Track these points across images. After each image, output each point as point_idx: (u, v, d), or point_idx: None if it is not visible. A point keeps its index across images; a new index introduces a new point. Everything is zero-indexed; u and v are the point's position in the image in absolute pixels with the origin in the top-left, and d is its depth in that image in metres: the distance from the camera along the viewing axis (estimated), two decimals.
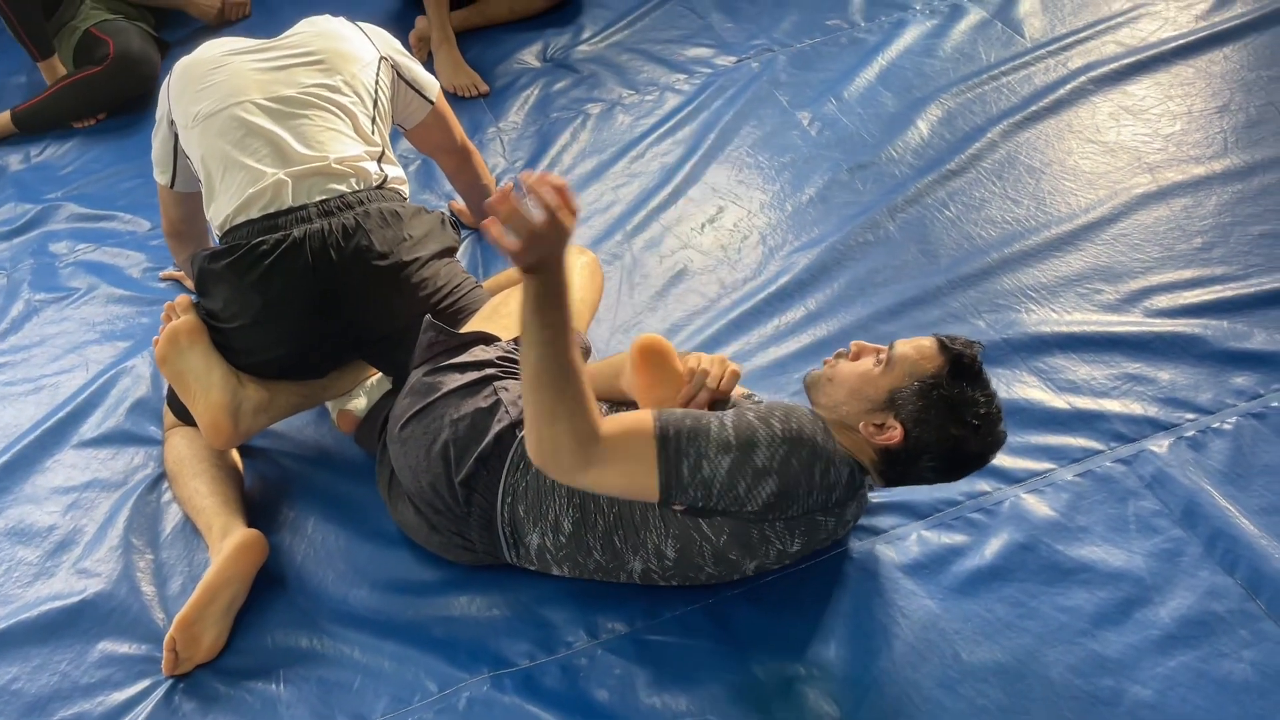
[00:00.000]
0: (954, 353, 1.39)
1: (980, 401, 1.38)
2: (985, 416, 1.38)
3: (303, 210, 1.72)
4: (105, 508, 1.86)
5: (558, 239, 1.22)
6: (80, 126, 3.09)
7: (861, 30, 2.93)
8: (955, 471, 1.44)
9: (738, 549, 1.45)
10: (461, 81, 2.92)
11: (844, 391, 1.44)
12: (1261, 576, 1.50)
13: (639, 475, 1.34)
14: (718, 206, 2.39)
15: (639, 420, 1.35)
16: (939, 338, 1.43)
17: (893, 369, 1.41)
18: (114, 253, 2.55)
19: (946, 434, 1.37)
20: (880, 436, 1.39)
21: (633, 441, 1.34)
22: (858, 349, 1.48)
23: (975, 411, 1.37)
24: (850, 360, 1.47)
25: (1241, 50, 2.58)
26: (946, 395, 1.37)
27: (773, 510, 1.38)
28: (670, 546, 1.47)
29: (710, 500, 1.35)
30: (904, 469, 1.42)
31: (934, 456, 1.39)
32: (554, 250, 1.23)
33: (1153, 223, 2.14)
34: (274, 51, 1.88)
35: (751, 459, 1.33)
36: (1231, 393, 1.78)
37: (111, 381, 2.12)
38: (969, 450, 1.40)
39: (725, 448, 1.33)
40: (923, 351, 1.41)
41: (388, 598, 1.65)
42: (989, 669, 1.44)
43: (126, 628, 1.65)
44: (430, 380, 1.60)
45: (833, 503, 1.41)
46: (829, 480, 1.38)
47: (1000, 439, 1.42)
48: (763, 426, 1.35)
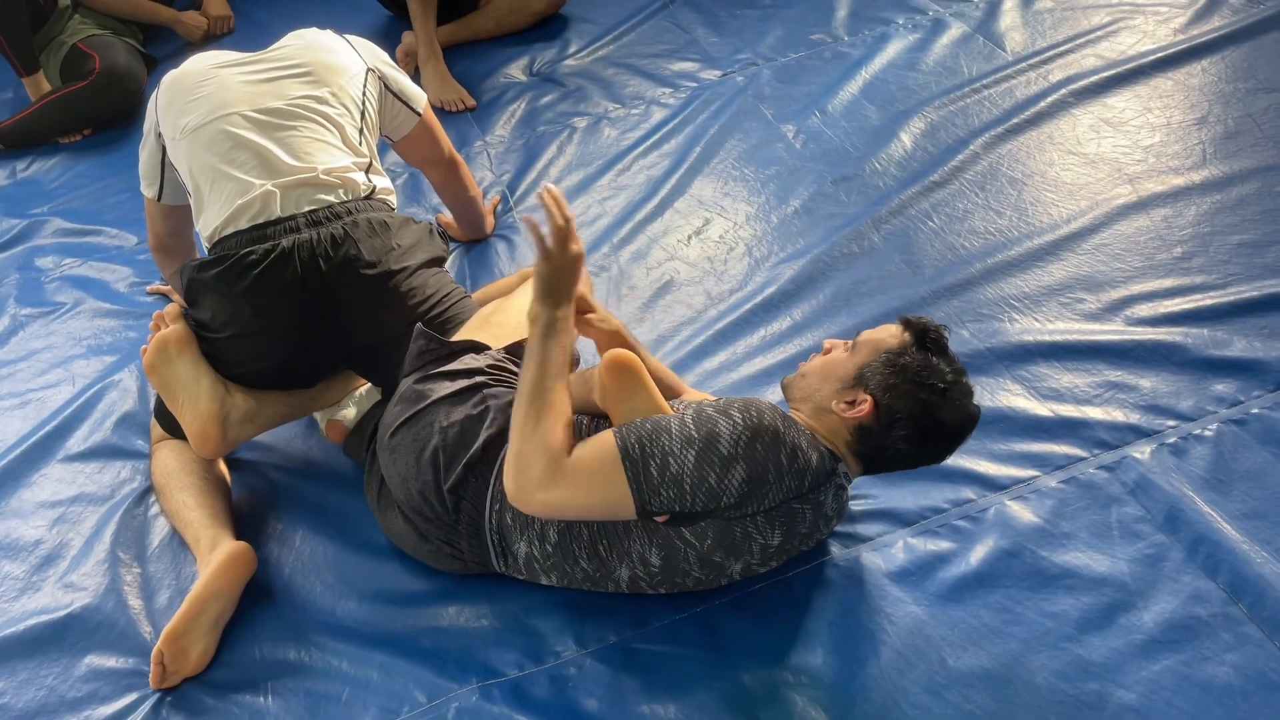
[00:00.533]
0: (918, 327, 1.46)
1: (946, 370, 1.43)
2: (954, 383, 1.42)
3: (291, 220, 1.72)
4: (92, 521, 1.86)
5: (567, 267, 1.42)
6: (66, 142, 3.09)
7: (845, 44, 2.96)
8: (928, 443, 1.45)
9: (721, 551, 1.46)
10: (448, 96, 2.94)
11: (816, 378, 1.50)
12: (1243, 580, 1.51)
13: (611, 489, 1.36)
14: (704, 219, 2.40)
15: (601, 438, 1.39)
16: (904, 317, 1.49)
17: (859, 350, 1.48)
18: (100, 267, 2.55)
19: (915, 399, 1.41)
20: (852, 411, 1.43)
21: (598, 457, 1.37)
22: (829, 345, 1.55)
23: (942, 377, 1.42)
24: (822, 355, 1.54)
25: (1219, 63, 2.62)
26: (912, 362, 1.42)
27: (748, 500, 1.39)
28: (655, 554, 1.47)
29: (685, 499, 1.36)
30: (878, 443, 1.44)
31: (905, 425, 1.41)
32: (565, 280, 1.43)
33: (1133, 233, 2.16)
34: (261, 64, 1.89)
35: (716, 448, 1.35)
36: (1212, 400, 1.80)
37: (98, 395, 2.12)
38: (940, 419, 1.42)
39: (689, 442, 1.35)
40: (888, 331, 1.49)
41: (376, 608, 1.65)
42: (976, 674, 1.45)
43: (113, 641, 1.65)
44: (420, 388, 1.60)
45: (806, 488, 1.43)
46: (798, 465, 1.39)
47: (973, 414, 1.45)
48: (723, 418, 1.38)
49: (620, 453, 1.36)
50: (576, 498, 1.37)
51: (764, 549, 1.48)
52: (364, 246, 1.73)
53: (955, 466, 1.72)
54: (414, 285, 1.78)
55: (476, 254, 2.39)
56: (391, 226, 1.79)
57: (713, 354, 2.03)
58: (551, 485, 1.35)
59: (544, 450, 1.36)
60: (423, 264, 1.81)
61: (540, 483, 1.35)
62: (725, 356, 2.02)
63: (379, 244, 1.75)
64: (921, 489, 1.70)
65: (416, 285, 1.79)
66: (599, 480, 1.36)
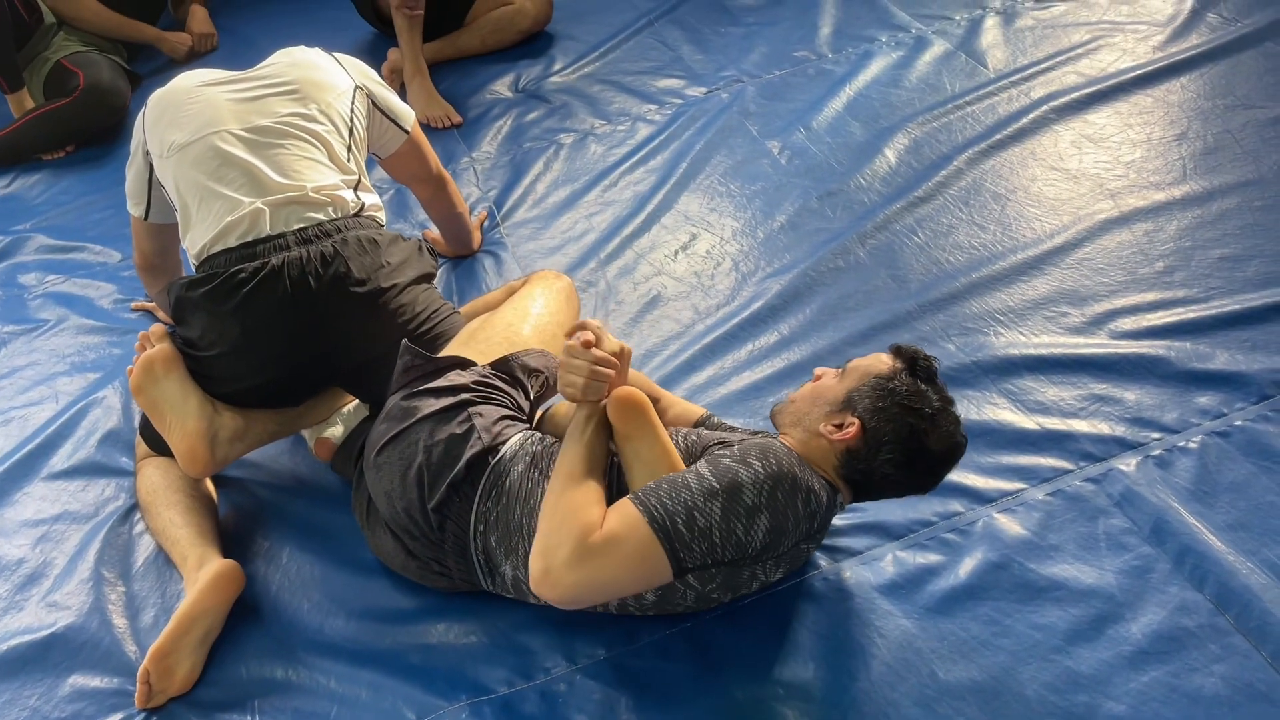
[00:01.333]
0: (908, 354, 1.47)
1: (934, 397, 1.43)
2: (941, 410, 1.42)
3: (281, 238, 1.72)
4: (76, 540, 1.84)
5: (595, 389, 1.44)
6: (49, 158, 3.08)
7: (829, 61, 2.98)
8: (915, 469, 1.44)
9: (722, 590, 1.48)
10: (435, 112, 2.95)
11: (805, 403, 1.51)
12: (1230, 591, 1.52)
13: (644, 559, 1.31)
14: (690, 234, 2.41)
15: (623, 510, 1.34)
16: (893, 346, 1.50)
17: (849, 376, 1.49)
18: (84, 284, 2.53)
19: (903, 423, 1.40)
20: (839, 434, 1.43)
21: (624, 529, 1.32)
22: (819, 372, 1.56)
23: (930, 403, 1.42)
24: (812, 383, 1.55)
25: (1198, 80, 2.65)
26: (900, 387, 1.43)
27: (769, 549, 1.38)
28: (650, 591, 1.47)
29: (716, 551, 1.33)
30: (866, 467, 1.44)
31: (892, 449, 1.41)
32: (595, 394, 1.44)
33: (1116, 247, 2.19)
34: (249, 82, 1.89)
35: (740, 499, 1.33)
36: (1196, 412, 1.81)
37: (82, 413, 2.10)
38: (927, 445, 1.42)
39: (712, 494, 1.33)
40: (878, 358, 1.50)
41: (364, 626, 1.64)
42: (965, 687, 1.45)
43: (98, 661, 1.63)
44: (407, 405, 1.60)
45: (815, 529, 1.43)
46: (810, 508, 1.39)
47: (960, 442, 1.45)
48: (743, 468, 1.36)
49: (646, 519, 1.31)
50: (606, 572, 1.30)
51: (763, 585, 1.50)
52: (354, 264, 1.73)
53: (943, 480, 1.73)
54: (403, 302, 1.78)
55: (463, 269, 2.39)
56: (381, 244, 1.79)
57: (700, 368, 2.03)
58: (580, 565, 1.29)
59: (575, 531, 1.30)
60: (412, 281, 1.81)
61: (569, 563, 1.28)
62: (713, 371, 2.02)
63: (369, 261, 1.75)
64: (909, 502, 1.70)
65: (406, 302, 1.78)
66: (630, 551, 1.31)
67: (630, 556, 1.30)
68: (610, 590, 1.35)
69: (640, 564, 1.31)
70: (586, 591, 1.31)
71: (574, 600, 1.32)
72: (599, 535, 1.30)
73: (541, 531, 1.34)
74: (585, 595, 1.32)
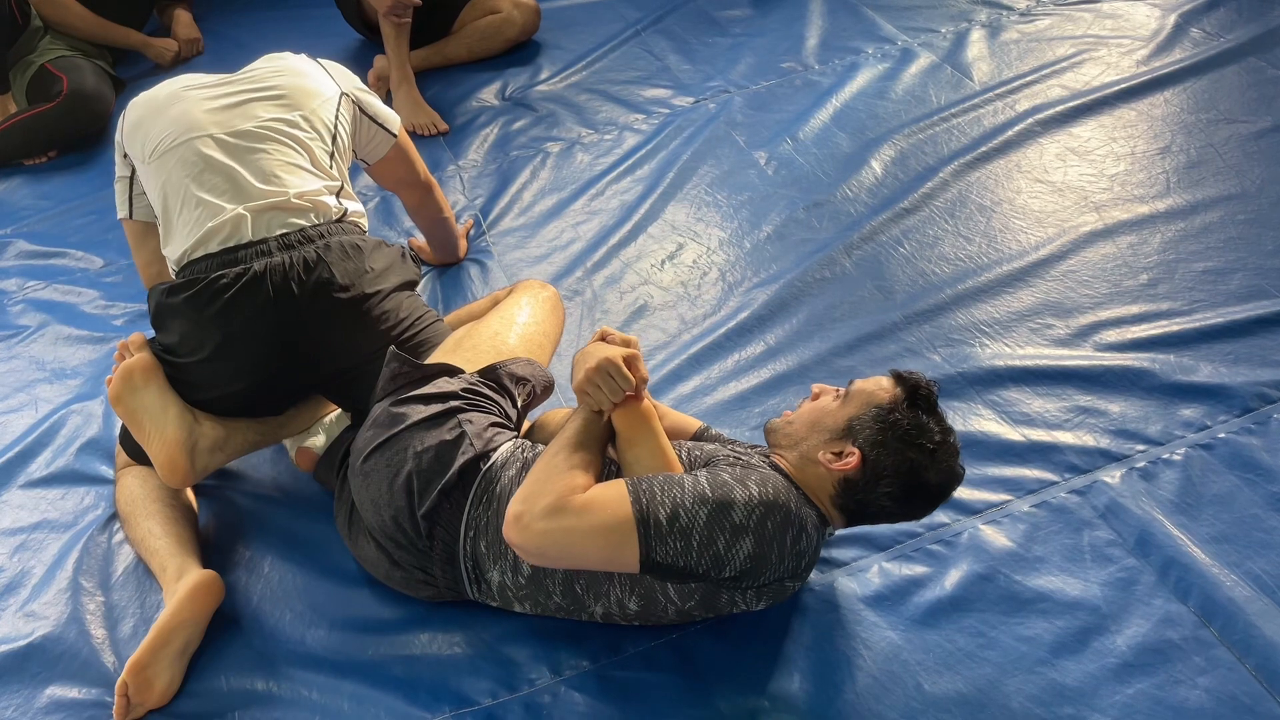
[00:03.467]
0: (910, 383, 1.44)
1: (936, 430, 1.42)
2: (941, 444, 1.41)
3: (263, 244, 1.71)
4: (54, 549, 1.82)
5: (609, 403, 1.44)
6: (31, 163, 3.05)
7: (815, 73, 2.99)
8: (913, 502, 1.45)
9: (702, 609, 1.48)
10: (421, 120, 2.94)
11: (804, 426, 1.48)
12: (1214, 604, 1.53)
13: (614, 532, 1.31)
14: (677, 243, 2.41)
15: (611, 482, 1.36)
16: (895, 371, 1.47)
17: (851, 401, 1.46)
18: (65, 290, 2.51)
19: (903, 458, 1.40)
20: (839, 464, 1.41)
21: (606, 497, 1.33)
22: (818, 390, 1.54)
23: (931, 437, 1.41)
24: (811, 401, 1.52)
25: (1181, 94, 2.67)
26: (902, 420, 1.41)
27: (748, 575, 1.37)
28: (633, 601, 1.47)
29: (691, 556, 1.33)
30: (863, 498, 1.43)
31: (891, 482, 1.41)
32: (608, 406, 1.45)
33: (1100, 260, 2.20)
34: (232, 86, 1.88)
35: (729, 514, 1.33)
36: (1180, 424, 1.82)
37: (61, 421, 2.08)
38: (926, 479, 1.41)
39: (702, 500, 1.33)
40: (879, 384, 1.46)
41: (346, 637, 1.62)
42: (951, 699, 1.45)
43: (76, 672, 1.61)
44: (395, 411, 1.59)
45: (801, 569, 1.43)
46: (799, 547, 1.39)
47: (958, 474, 1.44)
48: (739, 486, 1.35)
49: (631, 498, 1.32)
50: (576, 534, 1.31)
51: (745, 611, 1.50)
52: (337, 270, 1.72)
53: None
54: (387, 309, 1.77)
55: (449, 277, 2.38)
56: (364, 249, 1.78)
57: (687, 378, 2.03)
58: (555, 517, 1.30)
59: (561, 486, 1.33)
60: (396, 287, 1.80)
61: (545, 514, 1.31)
62: (699, 381, 2.02)
63: (352, 267, 1.74)
64: None
65: (389, 309, 1.77)
66: (605, 521, 1.31)
67: (603, 527, 1.31)
68: (575, 553, 1.35)
69: (610, 538, 1.32)
70: (553, 546, 1.33)
71: (539, 550, 1.34)
72: (580, 497, 1.33)
73: (527, 482, 1.37)
74: (550, 549, 1.33)
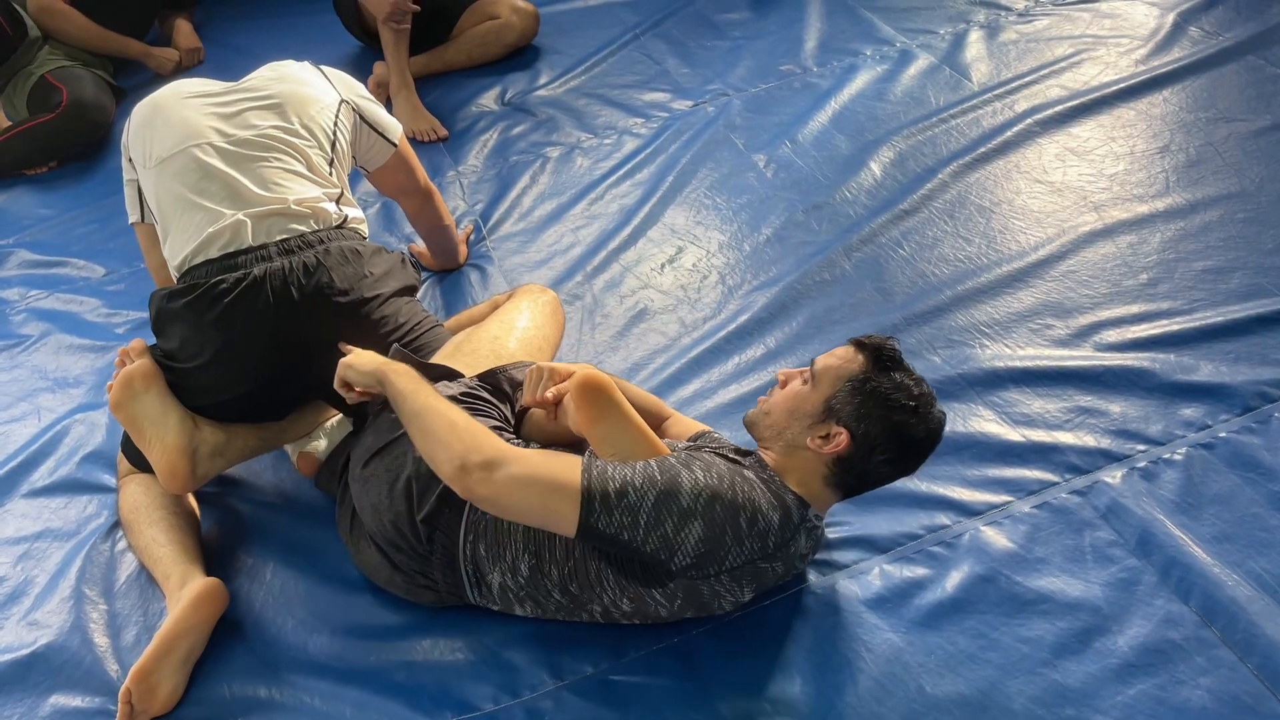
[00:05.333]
0: (872, 347, 1.46)
1: (910, 384, 1.43)
2: (920, 396, 1.43)
3: (263, 249, 1.71)
4: (57, 558, 1.82)
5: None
6: (32, 174, 3.06)
7: (814, 75, 2.99)
8: (908, 460, 1.46)
9: (693, 609, 1.48)
10: (420, 126, 2.94)
11: (783, 416, 1.48)
12: (1215, 604, 1.53)
13: (560, 479, 1.33)
14: (677, 247, 2.41)
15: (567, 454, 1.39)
16: (854, 339, 1.49)
17: (821, 382, 1.46)
18: (67, 299, 2.52)
19: (890, 422, 1.41)
20: (829, 446, 1.42)
21: (559, 459, 1.37)
22: (784, 376, 1.54)
23: (910, 393, 1.42)
24: (780, 389, 1.52)
25: (1180, 93, 2.67)
26: (878, 386, 1.42)
27: (707, 562, 1.37)
28: (625, 603, 1.47)
29: (638, 534, 1.33)
30: (860, 471, 1.44)
31: (884, 449, 1.42)
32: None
33: (1100, 260, 2.19)
34: (232, 95, 1.89)
35: (677, 498, 1.34)
36: (1180, 424, 1.82)
37: (64, 430, 2.08)
38: (915, 435, 1.43)
39: (651, 482, 1.34)
40: (843, 357, 1.47)
41: (349, 643, 1.63)
42: (953, 701, 1.45)
43: (79, 680, 1.61)
44: (394, 416, 1.59)
45: (771, 549, 1.41)
46: (758, 528, 1.38)
47: (941, 418, 1.46)
48: (685, 471, 1.36)
49: (583, 467, 1.35)
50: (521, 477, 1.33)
51: (736, 603, 1.49)
52: (336, 274, 1.73)
53: (930, 492, 1.73)
54: (386, 313, 1.77)
55: (450, 283, 2.39)
56: (364, 254, 1.78)
57: (687, 382, 2.03)
58: (502, 464, 1.33)
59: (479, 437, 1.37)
60: (395, 292, 1.81)
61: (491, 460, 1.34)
62: (699, 384, 2.02)
63: (351, 272, 1.75)
64: (896, 515, 1.70)
65: (389, 313, 1.78)
66: (553, 468, 1.34)
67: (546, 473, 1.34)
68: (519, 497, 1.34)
69: (553, 485, 1.33)
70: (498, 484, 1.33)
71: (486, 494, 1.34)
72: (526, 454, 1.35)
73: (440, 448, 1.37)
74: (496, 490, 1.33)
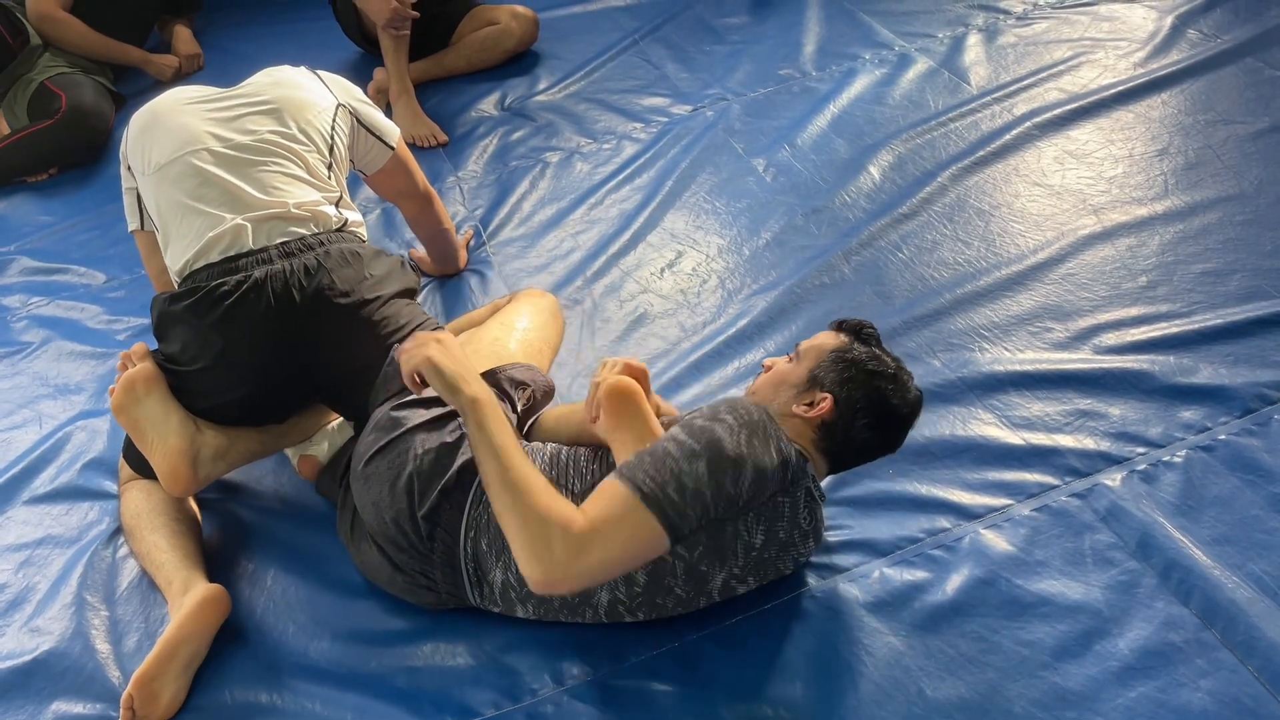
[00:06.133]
0: (853, 324, 1.56)
1: (889, 358, 1.52)
2: (898, 368, 1.51)
3: (264, 252, 1.72)
4: (59, 564, 1.82)
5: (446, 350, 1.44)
6: (32, 181, 3.07)
7: (813, 79, 3.00)
8: (888, 431, 1.51)
9: (709, 557, 1.46)
10: (420, 131, 2.95)
11: (768, 389, 1.55)
12: (1216, 606, 1.53)
13: (641, 532, 1.29)
14: (676, 251, 2.42)
15: (608, 489, 1.33)
16: (835, 321, 1.59)
17: (805, 357, 1.54)
18: (68, 305, 2.52)
19: (871, 387, 1.47)
20: (814, 411, 1.47)
21: (614, 507, 1.30)
22: (769, 362, 1.61)
23: (889, 364, 1.50)
24: (765, 374, 1.59)
25: (1179, 96, 2.68)
26: (859, 356, 1.50)
27: (756, 495, 1.38)
28: (640, 572, 1.46)
29: (710, 510, 1.33)
30: (843, 437, 1.49)
31: (865, 414, 1.47)
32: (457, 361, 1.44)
33: (1099, 262, 2.20)
34: (230, 100, 1.89)
35: (723, 453, 1.34)
36: (1180, 426, 1.82)
37: (66, 437, 2.09)
38: (894, 401, 1.49)
39: (694, 455, 1.33)
40: (825, 336, 1.56)
41: (350, 648, 1.63)
42: (954, 705, 1.45)
43: (81, 686, 1.61)
44: (395, 415, 1.60)
45: (788, 481, 1.43)
46: (783, 454, 1.40)
47: (918, 394, 1.53)
48: (717, 424, 1.37)
49: (637, 495, 1.30)
50: (611, 554, 1.28)
51: (747, 550, 1.47)
52: (337, 276, 1.73)
53: (930, 496, 1.74)
54: (386, 315, 1.78)
55: (450, 288, 2.39)
56: (364, 256, 1.79)
57: (687, 386, 2.03)
58: (581, 554, 1.26)
59: (552, 527, 1.28)
60: (395, 294, 1.81)
61: (569, 557, 1.26)
62: (700, 389, 2.02)
63: (351, 273, 1.75)
64: (896, 519, 1.70)
65: (389, 315, 1.78)
66: (626, 529, 1.29)
67: (627, 533, 1.29)
68: (612, 570, 1.33)
69: (636, 538, 1.30)
70: (594, 577, 1.30)
71: (579, 589, 1.33)
72: (586, 523, 1.28)
73: (518, 541, 1.30)
74: (594, 580, 1.31)
